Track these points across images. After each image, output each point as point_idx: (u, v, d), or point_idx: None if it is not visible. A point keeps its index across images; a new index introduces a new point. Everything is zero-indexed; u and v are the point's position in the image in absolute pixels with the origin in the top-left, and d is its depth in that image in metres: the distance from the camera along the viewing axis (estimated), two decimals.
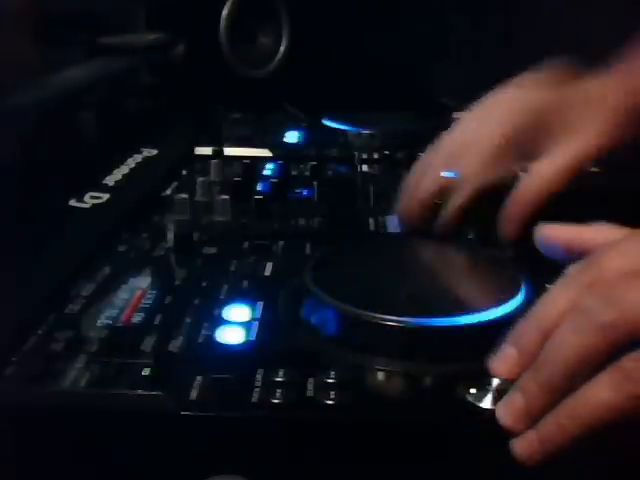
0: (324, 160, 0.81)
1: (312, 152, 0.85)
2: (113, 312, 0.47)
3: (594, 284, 0.38)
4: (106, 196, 0.66)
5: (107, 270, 0.53)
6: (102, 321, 0.46)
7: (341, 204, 0.70)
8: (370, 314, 0.43)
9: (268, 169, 0.78)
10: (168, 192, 0.69)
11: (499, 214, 0.57)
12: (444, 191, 0.58)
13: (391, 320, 0.43)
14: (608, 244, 0.40)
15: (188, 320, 0.47)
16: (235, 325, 0.46)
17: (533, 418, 0.37)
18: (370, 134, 0.90)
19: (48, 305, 0.47)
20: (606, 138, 0.57)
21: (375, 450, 0.39)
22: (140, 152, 0.79)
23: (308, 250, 0.58)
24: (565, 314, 0.38)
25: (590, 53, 0.56)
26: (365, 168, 0.79)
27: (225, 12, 1.06)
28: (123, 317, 0.47)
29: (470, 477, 0.39)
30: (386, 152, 0.83)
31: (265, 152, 0.83)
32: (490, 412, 0.38)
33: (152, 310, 0.48)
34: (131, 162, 0.76)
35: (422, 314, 0.43)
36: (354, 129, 0.90)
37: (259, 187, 0.71)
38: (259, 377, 0.40)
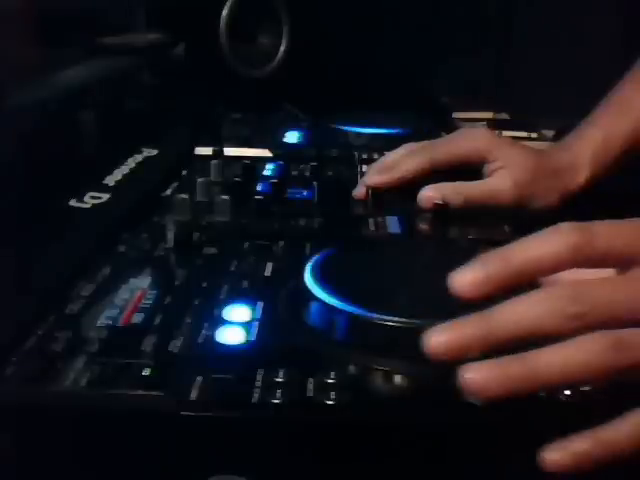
0: (324, 160, 0.81)
1: (312, 152, 0.85)
2: (113, 312, 0.47)
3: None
4: (106, 196, 0.66)
5: (107, 270, 0.53)
6: (102, 321, 0.46)
7: (341, 204, 0.70)
8: (370, 314, 0.43)
9: (268, 169, 0.77)
10: (168, 192, 0.69)
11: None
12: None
13: (391, 320, 0.43)
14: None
15: (188, 320, 0.46)
16: (235, 325, 0.46)
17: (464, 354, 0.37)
18: (370, 134, 0.90)
19: (48, 305, 0.47)
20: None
21: (375, 450, 0.39)
22: (140, 152, 0.79)
23: (308, 250, 0.58)
24: (542, 264, 0.38)
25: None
26: (365, 168, 0.79)
27: (225, 12, 1.06)
28: (123, 317, 0.47)
29: (470, 477, 0.39)
30: (386, 152, 0.83)
31: (265, 152, 0.83)
32: (490, 412, 0.38)
33: (152, 310, 0.48)
34: (131, 162, 0.76)
35: (422, 314, 0.43)
36: (354, 129, 0.90)
37: (259, 187, 0.71)
38: (259, 377, 0.40)
